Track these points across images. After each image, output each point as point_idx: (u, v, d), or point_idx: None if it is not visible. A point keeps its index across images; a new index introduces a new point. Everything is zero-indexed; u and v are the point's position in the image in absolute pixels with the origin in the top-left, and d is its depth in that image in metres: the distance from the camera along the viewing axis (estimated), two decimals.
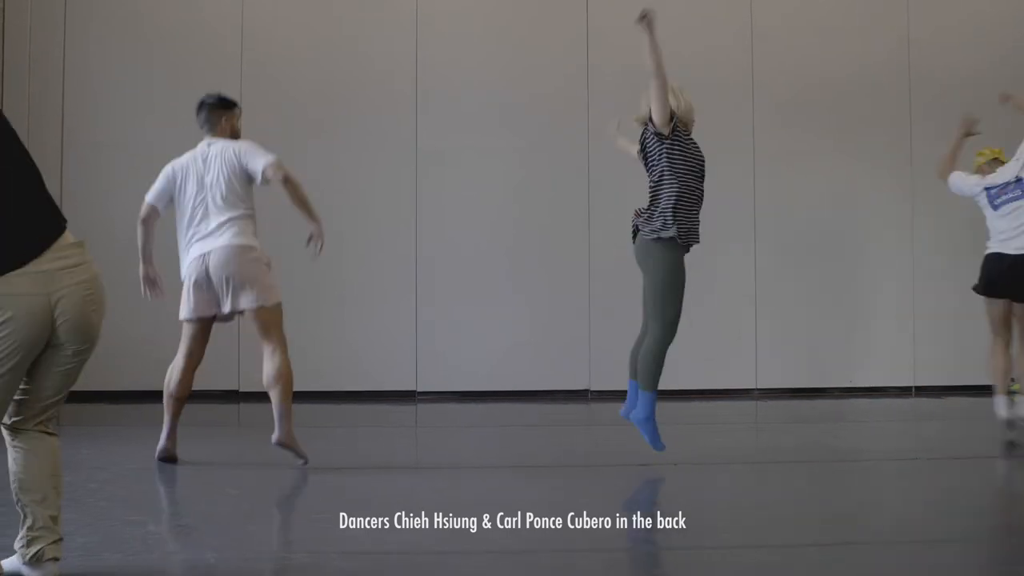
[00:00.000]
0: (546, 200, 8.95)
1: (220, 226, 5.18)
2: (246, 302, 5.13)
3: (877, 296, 9.22)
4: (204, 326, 5.32)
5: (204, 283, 5.17)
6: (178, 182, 5.33)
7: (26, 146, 3.37)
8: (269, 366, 5.17)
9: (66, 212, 3.28)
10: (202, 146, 5.38)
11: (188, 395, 5.40)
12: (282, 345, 5.19)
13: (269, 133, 8.77)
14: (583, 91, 9.02)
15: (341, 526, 3.94)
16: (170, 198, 5.35)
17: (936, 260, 8.91)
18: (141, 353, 7.91)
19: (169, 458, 5.29)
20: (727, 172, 9.02)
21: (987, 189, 6.53)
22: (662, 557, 3.53)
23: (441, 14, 9.04)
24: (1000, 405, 6.23)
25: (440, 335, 8.86)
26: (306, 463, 5.13)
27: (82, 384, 3.64)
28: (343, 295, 8.75)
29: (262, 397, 6.42)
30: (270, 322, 5.17)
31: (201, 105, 5.51)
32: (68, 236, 3.14)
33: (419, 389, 8.88)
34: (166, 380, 5.36)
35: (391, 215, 8.90)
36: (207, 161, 5.29)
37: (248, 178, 5.23)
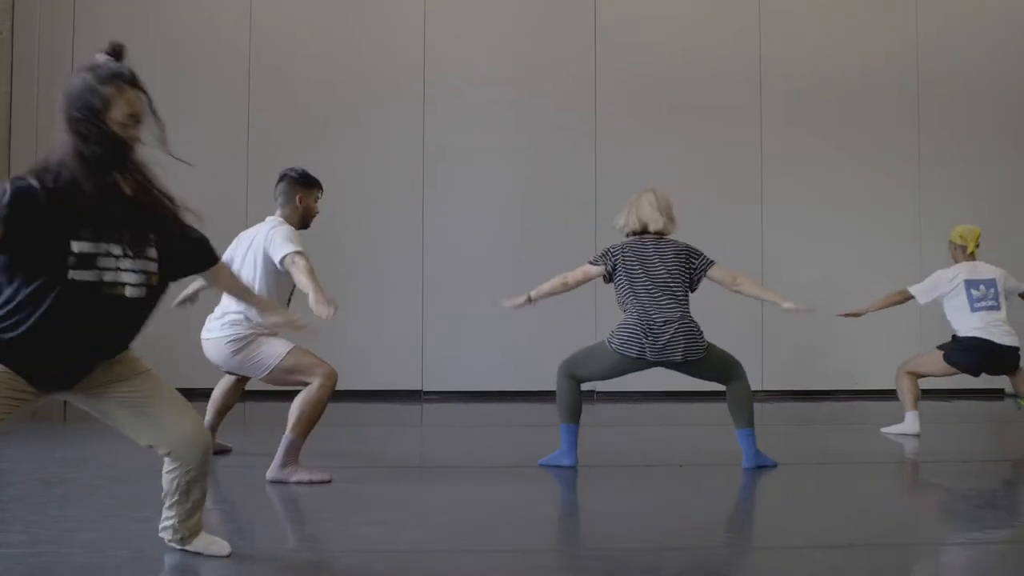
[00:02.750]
0: (552, 199, 8.97)
1: (217, 318, 4.99)
2: (254, 374, 5.02)
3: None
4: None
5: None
6: (235, 248, 5.15)
7: (35, 146, 3.38)
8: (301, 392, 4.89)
9: None
10: (268, 220, 5.08)
11: (224, 407, 5.43)
12: (314, 380, 4.83)
13: (276, 131, 8.85)
14: (591, 90, 9.02)
15: (346, 524, 3.95)
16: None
17: (943, 261, 8.87)
18: (146, 351, 7.93)
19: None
20: (734, 171, 9.04)
21: (968, 283, 6.47)
22: (665, 558, 3.53)
23: (449, 13, 9.06)
24: (914, 423, 6.50)
25: (446, 335, 8.87)
26: (327, 481, 4.79)
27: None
28: (349, 294, 8.75)
29: (267, 396, 6.44)
30: (288, 375, 4.90)
31: (281, 178, 5.15)
32: None
33: (425, 389, 8.89)
34: None
35: (397, 214, 8.91)
36: (255, 237, 5.02)
37: (272, 267, 4.89)
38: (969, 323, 6.44)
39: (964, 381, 8.92)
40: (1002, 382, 8.89)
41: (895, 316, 9.20)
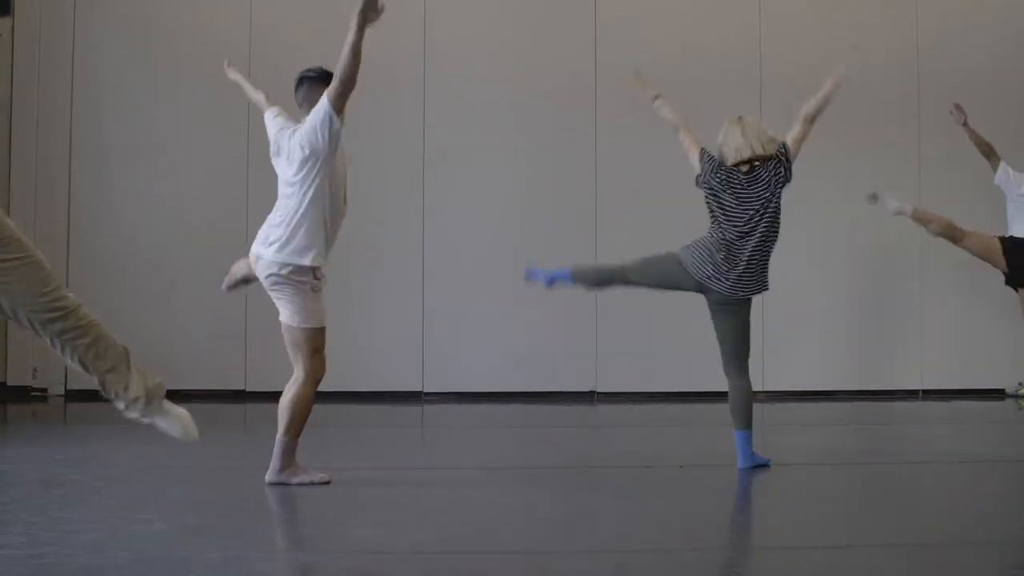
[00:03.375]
0: (552, 199, 8.95)
1: (275, 226, 4.72)
2: (283, 315, 4.76)
3: (884, 298, 9.20)
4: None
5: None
6: (274, 136, 4.96)
7: (35, 147, 3.37)
8: (286, 392, 4.76)
9: (74, 211, 3.31)
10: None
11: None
12: (302, 372, 4.70)
13: None
14: (591, 89, 9.01)
15: (346, 526, 3.95)
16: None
17: (943, 262, 8.89)
18: (146, 351, 7.92)
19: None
20: None
21: None
22: (665, 558, 3.53)
23: (449, 13, 9.05)
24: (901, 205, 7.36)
25: (446, 336, 8.86)
26: (327, 483, 4.74)
27: (89, 382, 3.66)
28: (350, 295, 8.75)
29: (269, 396, 6.43)
30: (293, 342, 4.74)
31: (300, 80, 4.95)
32: None
33: (425, 390, 8.89)
34: None
35: (397, 214, 8.91)
36: (293, 132, 4.80)
37: (318, 160, 4.70)
38: (1019, 226, 7.23)
39: (964, 381, 8.97)
40: (1002, 381, 8.93)
41: (897, 319, 9.21)
